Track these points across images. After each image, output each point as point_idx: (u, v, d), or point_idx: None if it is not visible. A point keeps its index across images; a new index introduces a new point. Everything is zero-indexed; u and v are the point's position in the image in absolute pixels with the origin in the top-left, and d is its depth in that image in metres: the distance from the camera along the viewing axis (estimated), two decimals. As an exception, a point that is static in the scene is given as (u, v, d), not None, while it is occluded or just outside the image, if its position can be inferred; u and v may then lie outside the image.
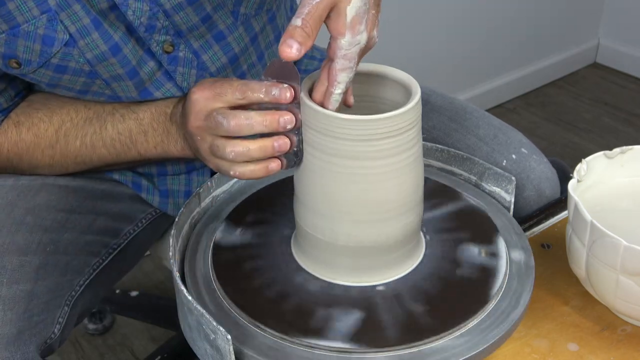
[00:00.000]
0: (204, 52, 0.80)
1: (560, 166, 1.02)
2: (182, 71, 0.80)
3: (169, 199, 0.92)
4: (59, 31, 0.73)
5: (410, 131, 0.66)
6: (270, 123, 0.67)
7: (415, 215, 0.70)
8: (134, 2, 0.74)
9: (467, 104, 1.01)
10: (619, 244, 0.65)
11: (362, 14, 0.63)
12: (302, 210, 0.70)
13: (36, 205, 0.82)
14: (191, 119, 0.71)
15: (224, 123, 0.68)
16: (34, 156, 0.83)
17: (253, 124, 0.67)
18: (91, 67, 0.76)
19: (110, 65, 0.76)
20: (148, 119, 0.80)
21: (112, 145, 0.82)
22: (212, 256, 0.74)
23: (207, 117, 0.70)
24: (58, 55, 0.75)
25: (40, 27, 0.72)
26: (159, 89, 0.80)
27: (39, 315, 0.75)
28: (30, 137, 0.82)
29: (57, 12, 0.72)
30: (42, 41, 0.73)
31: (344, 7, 0.62)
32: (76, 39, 0.74)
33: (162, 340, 1.45)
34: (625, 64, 2.51)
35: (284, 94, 0.66)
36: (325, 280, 0.71)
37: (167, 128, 0.79)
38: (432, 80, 1.40)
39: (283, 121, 0.66)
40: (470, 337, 0.65)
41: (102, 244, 0.87)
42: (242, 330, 0.66)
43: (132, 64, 0.77)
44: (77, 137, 0.82)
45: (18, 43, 0.73)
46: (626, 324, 0.73)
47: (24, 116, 0.82)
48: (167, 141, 0.80)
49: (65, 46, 0.74)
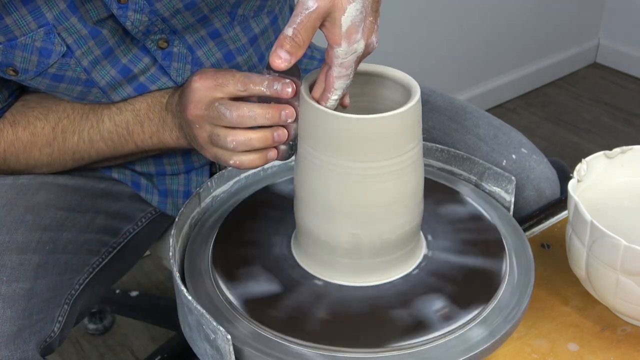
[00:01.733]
0: (198, 47, 0.80)
1: (560, 166, 1.02)
2: (177, 66, 0.80)
3: (168, 198, 0.92)
4: (56, 43, 0.73)
5: (410, 131, 0.66)
6: (272, 116, 0.68)
7: (415, 215, 0.70)
8: (133, 14, 0.74)
9: (467, 104, 1.01)
10: (619, 244, 0.65)
11: (359, 23, 0.63)
12: (303, 209, 0.70)
13: (35, 203, 0.82)
14: (190, 107, 0.71)
15: (227, 114, 0.68)
16: (31, 155, 0.83)
17: (256, 116, 0.68)
18: (87, 75, 0.77)
19: (103, 67, 0.77)
20: (144, 110, 0.80)
21: (110, 138, 0.82)
22: (212, 256, 0.74)
23: (208, 106, 0.70)
24: (55, 65, 0.75)
25: (37, 40, 0.72)
26: (154, 82, 0.80)
27: (39, 314, 0.75)
28: (27, 136, 0.82)
29: (55, 25, 0.72)
30: (40, 53, 0.73)
31: (339, 17, 0.62)
32: (73, 49, 0.74)
33: (162, 340, 1.45)
34: (625, 64, 2.51)
35: (286, 89, 0.67)
36: (325, 280, 0.71)
37: (163, 117, 0.80)
38: (432, 80, 1.40)
39: (284, 114, 0.68)
40: (470, 337, 0.65)
41: (102, 243, 0.87)
42: (242, 330, 0.66)
43: (123, 62, 0.78)
44: (75, 132, 0.82)
45: (15, 54, 0.73)
46: (626, 324, 0.73)
47: (20, 115, 0.82)
48: (163, 130, 0.80)
49: (62, 57, 0.74)
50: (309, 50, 1.00)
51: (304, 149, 0.68)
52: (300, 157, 0.69)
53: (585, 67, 2.57)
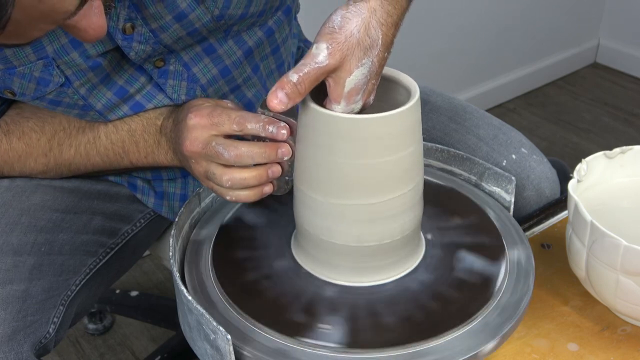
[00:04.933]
0: (194, 64, 0.81)
1: (560, 166, 1.02)
2: (173, 83, 0.80)
3: (164, 201, 0.92)
4: (54, 75, 0.73)
5: (409, 131, 0.66)
6: (269, 155, 0.70)
7: (415, 215, 0.70)
8: (138, 45, 0.75)
9: (467, 104, 1.01)
10: (619, 244, 0.65)
11: (361, 86, 0.65)
12: (302, 209, 0.70)
13: (31, 205, 0.82)
14: (187, 143, 0.72)
15: (225, 154, 0.70)
16: (26, 164, 0.83)
17: (253, 155, 0.70)
18: (85, 101, 0.77)
19: (99, 91, 0.77)
20: (140, 131, 0.81)
21: (106, 154, 0.82)
22: (212, 256, 0.74)
23: (205, 145, 0.71)
24: (53, 93, 0.75)
25: (36, 71, 0.73)
26: (150, 100, 0.81)
27: (34, 315, 0.75)
28: (22, 147, 0.82)
29: (54, 58, 0.72)
30: (37, 82, 0.74)
31: (344, 78, 0.64)
32: (72, 80, 0.75)
33: (162, 340, 1.45)
34: (625, 64, 2.51)
35: (281, 132, 0.69)
36: (325, 279, 0.71)
37: (158, 139, 0.80)
38: (432, 80, 1.40)
39: (281, 153, 0.70)
40: (470, 337, 0.65)
41: (99, 244, 0.87)
42: (242, 330, 0.66)
43: (120, 84, 0.78)
44: (72, 145, 0.82)
45: (13, 80, 0.73)
46: (626, 324, 0.73)
47: (14, 125, 0.82)
48: (157, 152, 0.81)
49: (60, 87, 0.75)
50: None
51: (303, 149, 0.68)
52: (300, 157, 0.69)
53: (585, 67, 2.57)
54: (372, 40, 0.63)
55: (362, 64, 0.63)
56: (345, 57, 0.63)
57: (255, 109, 0.87)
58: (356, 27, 0.62)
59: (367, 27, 0.63)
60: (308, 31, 1.04)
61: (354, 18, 0.63)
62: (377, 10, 0.64)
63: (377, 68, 0.65)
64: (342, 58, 0.62)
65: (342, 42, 0.62)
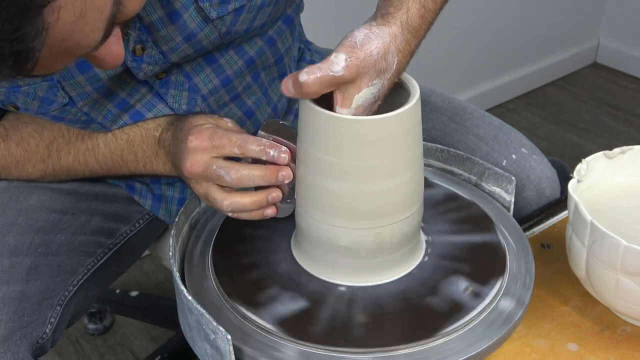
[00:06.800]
0: (195, 74, 0.81)
1: (560, 166, 1.02)
2: (174, 93, 0.80)
3: (162, 203, 0.92)
4: (59, 95, 0.74)
5: (409, 131, 0.66)
6: (269, 178, 0.70)
7: (415, 215, 0.70)
8: (147, 66, 0.75)
9: (467, 104, 1.01)
10: (619, 244, 0.65)
11: (367, 105, 0.66)
12: (303, 209, 0.70)
13: (29, 206, 0.82)
14: (187, 164, 0.72)
15: (226, 177, 0.70)
16: (24, 169, 0.83)
17: (254, 178, 0.70)
18: (87, 117, 0.77)
19: (101, 105, 0.78)
20: (138, 141, 0.81)
21: (104, 162, 0.83)
22: (212, 256, 0.74)
23: (205, 167, 0.71)
24: (56, 111, 0.76)
25: (40, 91, 0.73)
26: (150, 110, 0.81)
27: (30, 316, 0.75)
28: (20, 152, 0.82)
29: (60, 81, 0.72)
30: (41, 100, 0.74)
31: (353, 94, 0.65)
32: (76, 101, 0.75)
33: (162, 340, 1.45)
34: (625, 64, 2.51)
35: (282, 157, 0.69)
36: (325, 280, 0.71)
37: (156, 150, 0.81)
38: (432, 80, 1.40)
39: (281, 176, 0.70)
40: (470, 337, 0.65)
41: (97, 244, 0.87)
42: (242, 330, 0.66)
43: (122, 96, 0.78)
44: (70, 152, 0.82)
45: (18, 96, 0.73)
46: (626, 324, 0.73)
47: (13, 130, 0.82)
48: (156, 163, 0.81)
49: (64, 106, 0.75)
50: (309, 54, 0.99)
51: (305, 150, 0.68)
52: (302, 158, 0.69)
53: (585, 67, 2.57)
54: (388, 65, 0.65)
55: (373, 84, 0.65)
56: (360, 74, 0.64)
57: (255, 116, 0.88)
58: (376, 49, 0.64)
59: (386, 52, 0.65)
60: (308, 31, 1.04)
61: (376, 40, 0.64)
62: (397, 37, 0.66)
63: (385, 91, 0.66)
64: (357, 74, 0.64)
65: (361, 58, 0.63)
